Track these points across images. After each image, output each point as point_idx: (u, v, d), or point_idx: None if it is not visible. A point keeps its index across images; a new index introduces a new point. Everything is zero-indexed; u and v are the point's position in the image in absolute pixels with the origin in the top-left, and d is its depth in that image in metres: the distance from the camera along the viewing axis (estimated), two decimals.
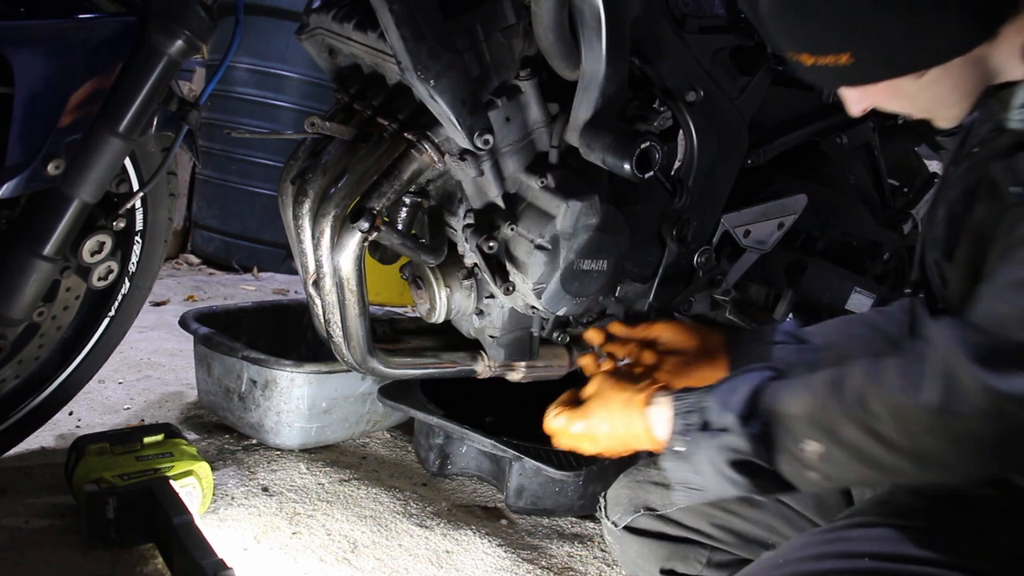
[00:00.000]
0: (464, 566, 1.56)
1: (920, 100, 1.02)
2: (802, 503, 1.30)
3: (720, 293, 1.78)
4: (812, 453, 0.91)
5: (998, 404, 0.79)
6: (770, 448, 0.95)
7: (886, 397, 0.86)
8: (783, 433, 0.94)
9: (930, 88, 0.99)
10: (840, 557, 0.92)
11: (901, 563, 0.90)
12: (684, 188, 1.61)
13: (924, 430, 0.83)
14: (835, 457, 0.91)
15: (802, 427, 0.92)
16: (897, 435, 0.85)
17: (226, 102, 3.67)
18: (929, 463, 0.86)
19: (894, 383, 0.85)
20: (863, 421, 0.87)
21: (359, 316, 1.47)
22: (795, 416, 0.93)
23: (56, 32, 1.25)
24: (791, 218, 1.80)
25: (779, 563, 0.96)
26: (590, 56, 1.33)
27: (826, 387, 0.92)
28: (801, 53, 1.00)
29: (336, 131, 1.46)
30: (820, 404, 0.91)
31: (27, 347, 1.52)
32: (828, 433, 0.90)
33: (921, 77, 0.97)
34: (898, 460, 0.87)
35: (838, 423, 0.89)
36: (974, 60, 0.97)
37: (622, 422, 1.13)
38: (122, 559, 1.44)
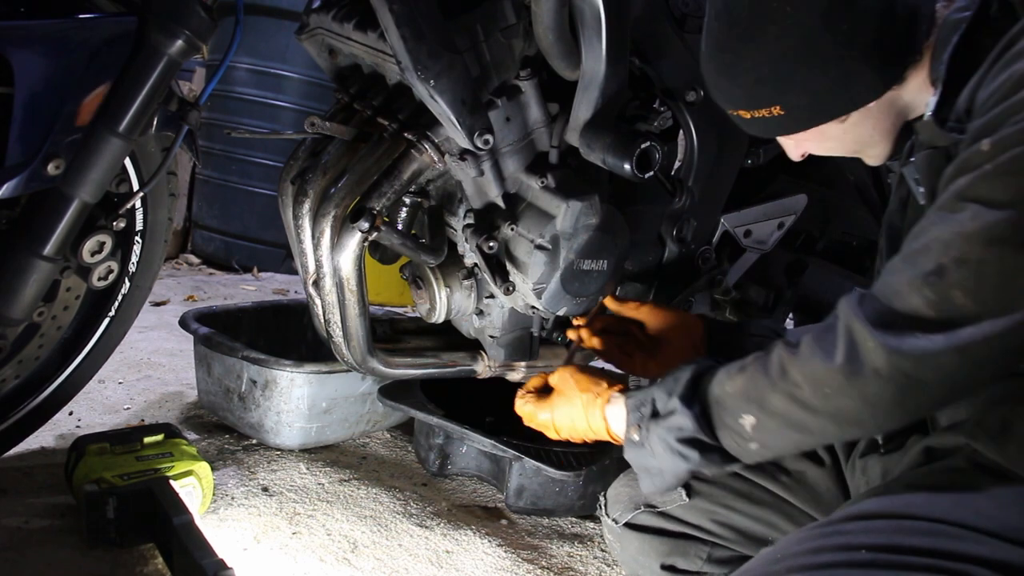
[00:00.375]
0: (464, 566, 1.56)
1: (847, 142, 1.16)
2: (801, 498, 1.31)
3: (720, 293, 1.78)
4: (748, 425, 1.04)
5: (892, 361, 0.90)
6: (712, 425, 1.08)
7: (802, 365, 0.98)
8: (722, 410, 1.07)
9: (854, 130, 1.13)
10: (837, 550, 0.93)
11: (898, 554, 0.91)
12: (684, 188, 1.61)
13: (837, 391, 0.95)
14: (768, 426, 1.03)
15: (737, 403, 1.05)
16: (815, 399, 0.97)
17: (226, 102, 3.67)
18: (846, 422, 0.97)
19: (809, 353, 0.97)
20: (786, 390, 0.99)
21: (359, 316, 1.47)
22: (730, 394, 1.06)
23: (56, 32, 1.25)
24: (791, 218, 1.80)
25: (777, 558, 0.97)
26: (590, 56, 1.33)
27: (755, 365, 1.04)
28: (739, 109, 1.15)
29: (336, 131, 1.46)
30: (750, 380, 1.04)
31: (27, 347, 1.52)
32: (759, 405, 1.02)
33: (844, 122, 1.11)
34: (820, 422, 0.98)
35: (766, 395, 1.01)
36: (888, 102, 1.10)
37: (583, 418, 1.26)
38: (122, 559, 1.44)
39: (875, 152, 1.17)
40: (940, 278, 0.90)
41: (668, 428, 1.11)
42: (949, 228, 0.90)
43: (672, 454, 1.12)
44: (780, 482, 1.33)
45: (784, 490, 1.33)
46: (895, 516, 0.96)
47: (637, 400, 1.18)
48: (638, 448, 1.16)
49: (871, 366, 0.92)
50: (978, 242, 0.88)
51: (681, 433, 1.10)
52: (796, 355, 0.99)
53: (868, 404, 0.94)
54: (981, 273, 0.88)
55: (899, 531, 0.94)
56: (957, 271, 0.89)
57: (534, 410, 1.34)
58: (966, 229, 0.89)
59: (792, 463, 1.34)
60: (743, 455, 1.09)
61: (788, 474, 1.34)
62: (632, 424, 1.17)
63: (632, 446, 1.17)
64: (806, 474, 1.33)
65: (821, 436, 1.02)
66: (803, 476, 1.33)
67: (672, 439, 1.11)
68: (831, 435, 1.02)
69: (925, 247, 0.92)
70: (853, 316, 0.94)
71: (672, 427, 1.11)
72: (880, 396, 0.93)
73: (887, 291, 0.94)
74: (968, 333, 0.88)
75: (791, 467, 1.34)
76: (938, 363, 0.90)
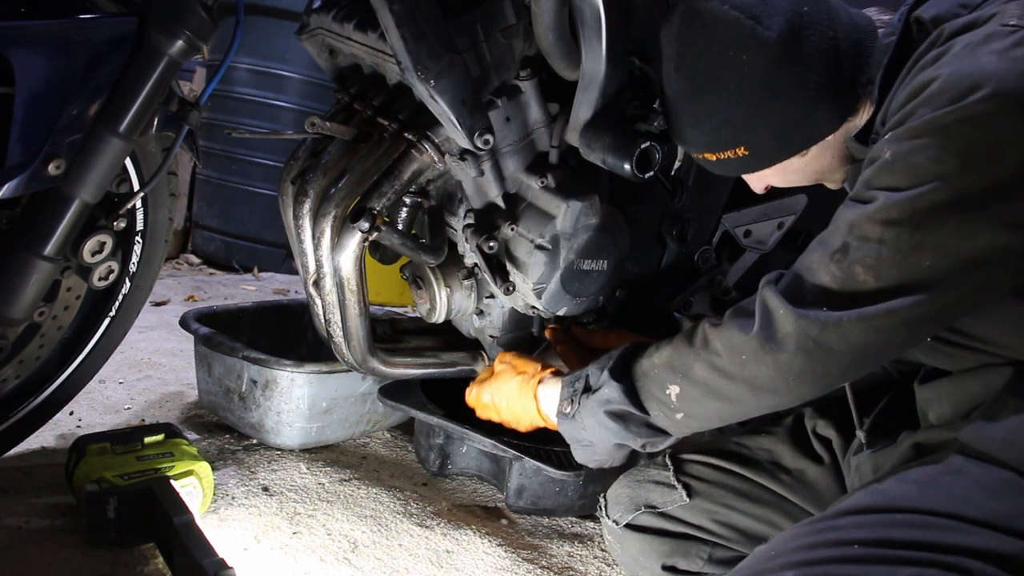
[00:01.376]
0: (464, 566, 1.56)
1: (808, 173, 1.24)
2: (801, 497, 1.31)
3: (720, 293, 1.78)
4: (673, 395, 1.13)
5: (801, 326, 1.00)
6: (639, 397, 1.17)
7: (722, 335, 1.08)
8: (649, 382, 1.16)
9: (814, 162, 1.20)
10: (831, 545, 0.94)
11: (890, 548, 0.91)
12: (684, 188, 1.61)
13: (752, 358, 1.04)
14: (691, 395, 1.12)
15: (663, 373, 1.14)
16: (733, 366, 1.07)
17: (226, 102, 3.67)
18: (762, 389, 1.06)
19: (729, 323, 1.08)
20: (707, 359, 1.09)
21: (359, 316, 1.47)
22: (657, 365, 1.16)
23: (56, 32, 1.25)
24: (791, 218, 1.80)
25: (771, 555, 0.97)
26: (590, 56, 1.33)
27: (681, 338, 1.14)
28: (704, 152, 1.22)
29: (336, 131, 1.46)
30: (675, 352, 1.14)
31: (28, 347, 1.52)
32: (683, 374, 1.12)
33: (805, 155, 1.18)
34: (738, 389, 1.08)
35: (689, 364, 1.11)
36: (844, 131, 1.17)
37: (515, 399, 1.36)
38: (123, 559, 1.44)
39: (835, 178, 1.25)
40: (844, 255, 1.00)
41: (598, 401, 1.20)
42: (856, 212, 1.00)
43: (601, 426, 1.21)
44: (780, 481, 1.33)
45: (784, 489, 1.33)
46: (887, 510, 0.97)
47: (572, 377, 1.28)
48: (570, 421, 1.25)
49: (782, 332, 1.01)
50: (878, 222, 0.97)
51: (609, 406, 1.19)
52: (717, 327, 1.09)
53: (781, 371, 1.03)
54: (880, 251, 0.97)
55: (891, 524, 0.95)
56: (859, 248, 0.99)
57: (478, 392, 1.43)
58: (868, 212, 0.99)
59: (791, 462, 1.35)
60: (671, 426, 1.18)
61: (788, 473, 1.34)
62: (565, 398, 1.26)
63: (564, 419, 1.26)
64: (805, 472, 1.33)
65: (740, 404, 1.10)
66: (803, 475, 1.33)
67: (601, 412, 1.20)
68: (749, 404, 1.10)
69: (835, 228, 1.03)
70: (769, 291, 1.04)
71: (601, 400, 1.19)
72: (791, 363, 1.02)
73: (801, 268, 1.04)
74: (870, 304, 0.97)
75: (791, 466, 1.34)
76: (842, 331, 0.99)
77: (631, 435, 1.20)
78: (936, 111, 0.95)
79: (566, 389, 1.27)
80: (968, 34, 0.99)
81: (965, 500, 0.95)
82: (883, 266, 0.97)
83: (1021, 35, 0.95)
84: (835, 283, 1.00)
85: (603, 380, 1.20)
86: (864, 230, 0.99)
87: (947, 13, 1.06)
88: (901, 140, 0.97)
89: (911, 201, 0.95)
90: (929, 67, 1.00)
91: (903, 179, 0.97)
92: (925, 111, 0.96)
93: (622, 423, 1.19)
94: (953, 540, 0.91)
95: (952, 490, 0.97)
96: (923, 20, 1.08)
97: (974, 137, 0.93)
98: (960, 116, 0.93)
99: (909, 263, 0.96)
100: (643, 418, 1.18)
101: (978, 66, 0.94)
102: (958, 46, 0.99)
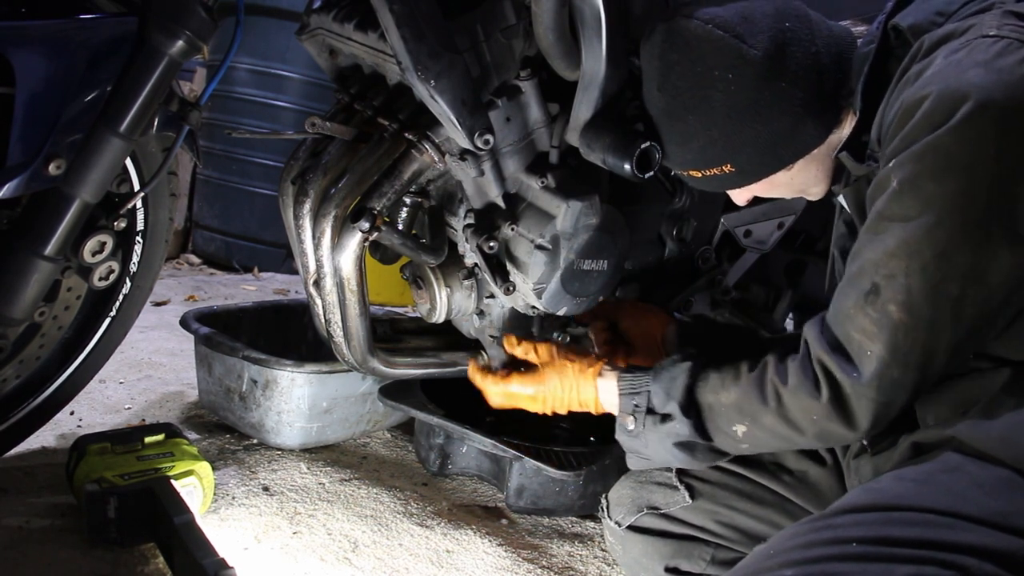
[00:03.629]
0: (464, 566, 1.56)
1: (793, 186, 1.25)
2: (804, 498, 1.31)
3: (720, 293, 1.78)
4: (740, 432, 1.16)
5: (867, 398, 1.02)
6: (707, 429, 1.19)
7: (792, 396, 1.09)
8: (716, 416, 1.18)
9: (799, 175, 1.22)
10: (829, 544, 0.94)
11: (888, 546, 0.91)
12: (684, 188, 1.61)
13: (823, 419, 1.07)
14: (758, 435, 1.15)
15: (731, 413, 1.16)
16: (804, 423, 1.09)
17: (227, 102, 3.67)
18: (830, 439, 1.10)
19: (797, 385, 1.08)
20: (778, 412, 1.11)
21: (359, 316, 1.47)
22: (724, 404, 1.17)
23: (57, 32, 1.25)
24: (791, 218, 1.80)
25: (770, 554, 0.97)
26: (590, 56, 1.33)
27: (749, 384, 1.14)
28: (690, 170, 1.23)
29: (336, 131, 1.46)
30: (744, 397, 1.14)
31: (28, 347, 1.52)
32: (752, 419, 1.14)
33: (791, 169, 1.20)
34: (806, 439, 1.11)
35: (759, 413, 1.13)
36: (828, 144, 1.18)
37: (574, 387, 1.35)
38: (123, 559, 1.44)
39: (817, 190, 1.27)
40: (876, 296, 1.00)
41: (667, 432, 1.21)
42: (876, 248, 1.00)
43: (667, 453, 1.23)
44: (783, 482, 1.33)
45: (787, 490, 1.33)
46: (884, 508, 0.97)
47: (630, 385, 1.27)
48: (632, 437, 1.26)
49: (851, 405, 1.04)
50: (901, 256, 0.98)
51: (678, 438, 1.21)
52: (787, 387, 1.09)
53: (852, 430, 1.06)
54: (908, 286, 0.97)
55: (889, 523, 0.95)
56: (888, 287, 0.99)
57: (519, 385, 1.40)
58: (889, 247, 0.99)
59: (794, 463, 1.35)
60: (733, 451, 1.22)
61: (790, 474, 1.34)
62: (626, 412, 1.26)
63: (625, 432, 1.26)
64: (808, 473, 1.33)
65: (806, 446, 1.17)
66: (805, 476, 1.33)
67: (670, 443, 1.22)
68: (815, 446, 1.19)
69: (861, 269, 1.03)
70: (821, 350, 1.06)
71: (671, 432, 1.21)
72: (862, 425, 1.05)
73: (840, 316, 1.05)
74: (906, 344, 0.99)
75: (793, 467, 1.34)
76: (893, 379, 1.01)
77: (696, 461, 1.23)
78: (933, 132, 0.95)
79: (625, 400, 1.27)
80: (948, 45, 1.00)
81: (962, 498, 0.95)
82: (915, 301, 0.97)
83: (1002, 45, 0.96)
84: (874, 326, 1.00)
85: (671, 411, 1.20)
86: (889, 267, 0.99)
87: (924, 22, 1.06)
88: (904, 166, 0.97)
89: (928, 231, 0.95)
90: (914, 82, 1.00)
91: (914, 207, 0.96)
92: (923, 134, 0.96)
93: (689, 452, 1.21)
94: (950, 537, 0.91)
95: (949, 488, 0.97)
96: (900, 28, 1.09)
97: (975, 153, 0.93)
98: (957, 135, 0.93)
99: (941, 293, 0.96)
100: (708, 445, 1.20)
101: (965, 81, 0.94)
102: (939, 58, 1.00)
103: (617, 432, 1.28)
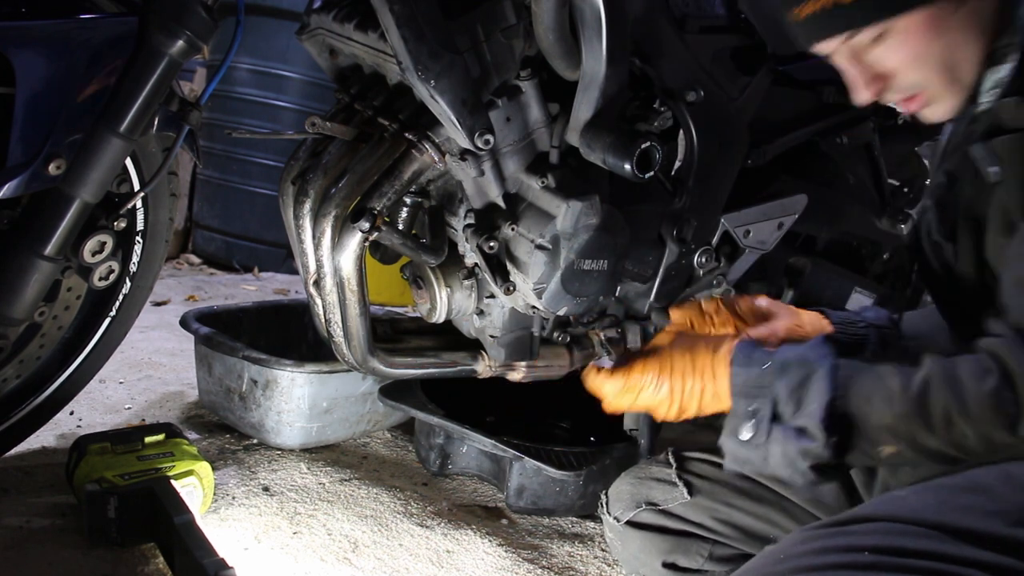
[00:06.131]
0: (465, 566, 1.56)
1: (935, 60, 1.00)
2: (803, 497, 1.31)
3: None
4: (885, 452, 0.98)
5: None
6: (845, 450, 0.99)
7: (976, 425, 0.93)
8: (861, 438, 0.98)
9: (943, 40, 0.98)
10: (841, 551, 0.93)
11: (901, 557, 0.91)
12: (684, 188, 1.61)
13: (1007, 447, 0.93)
14: (908, 456, 0.98)
15: (882, 435, 0.97)
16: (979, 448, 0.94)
17: (227, 102, 3.67)
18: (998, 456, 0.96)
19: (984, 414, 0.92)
20: (950, 438, 0.94)
21: (360, 316, 1.47)
22: (876, 427, 0.97)
23: (57, 32, 1.25)
24: (791, 218, 1.80)
25: (780, 558, 0.97)
26: (590, 56, 1.33)
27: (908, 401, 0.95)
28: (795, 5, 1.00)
29: (337, 131, 1.46)
30: (902, 417, 0.96)
31: (28, 347, 1.52)
32: (908, 442, 0.96)
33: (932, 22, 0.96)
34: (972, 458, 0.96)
35: (922, 436, 0.96)
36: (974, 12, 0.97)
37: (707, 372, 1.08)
38: (123, 559, 1.44)
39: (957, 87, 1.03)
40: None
41: (800, 451, 1.00)
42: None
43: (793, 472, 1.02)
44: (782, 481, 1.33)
45: (785, 488, 1.33)
46: (901, 520, 0.96)
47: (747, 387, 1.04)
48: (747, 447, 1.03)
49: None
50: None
51: (812, 458, 1.00)
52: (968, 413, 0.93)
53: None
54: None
55: (903, 534, 0.94)
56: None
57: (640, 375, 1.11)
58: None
59: None
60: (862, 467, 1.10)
61: None
62: (743, 417, 1.03)
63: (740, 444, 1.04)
64: None
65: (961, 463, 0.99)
66: None
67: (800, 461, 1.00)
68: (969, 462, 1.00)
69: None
70: None
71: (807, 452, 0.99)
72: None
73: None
74: None
75: None
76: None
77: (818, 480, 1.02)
78: None
79: (741, 402, 1.03)
80: None
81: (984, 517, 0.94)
82: None
83: None
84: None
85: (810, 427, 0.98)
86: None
87: None
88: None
89: None
90: None
91: None
92: None
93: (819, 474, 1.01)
94: (965, 553, 0.90)
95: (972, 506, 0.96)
96: None
97: None
98: None
99: None
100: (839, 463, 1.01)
101: None
102: None
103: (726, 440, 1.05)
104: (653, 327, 1.65)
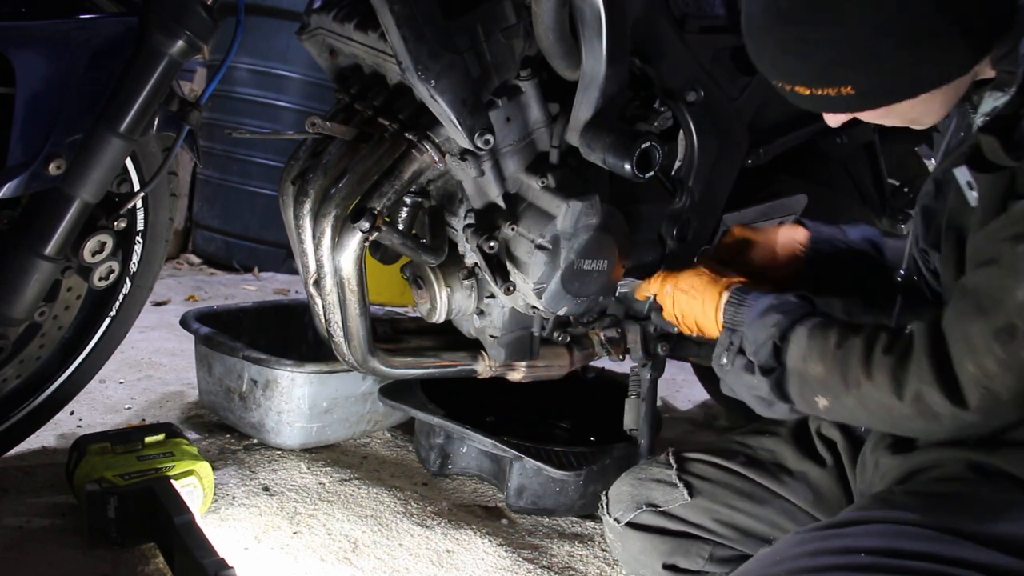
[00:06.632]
0: (465, 565, 1.56)
1: (907, 115, 1.06)
2: (803, 498, 1.31)
3: None
4: (821, 404, 1.13)
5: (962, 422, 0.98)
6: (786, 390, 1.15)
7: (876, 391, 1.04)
8: (801, 383, 1.14)
9: (924, 104, 1.02)
10: (837, 553, 0.93)
11: (897, 558, 0.91)
12: (684, 188, 1.61)
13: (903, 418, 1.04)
14: (839, 411, 1.12)
15: (815, 386, 1.12)
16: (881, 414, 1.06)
17: (227, 102, 3.67)
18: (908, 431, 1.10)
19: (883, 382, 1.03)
20: (860, 400, 1.07)
21: (360, 316, 1.47)
22: (811, 375, 1.12)
23: (57, 32, 1.25)
24: (791, 218, 1.80)
25: (776, 560, 0.97)
26: (590, 56, 1.33)
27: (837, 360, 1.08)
28: (798, 85, 1.04)
29: (337, 131, 1.46)
30: (831, 375, 1.09)
31: (28, 347, 1.52)
32: (834, 396, 1.10)
33: (916, 98, 1.01)
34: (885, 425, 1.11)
35: (841, 394, 1.09)
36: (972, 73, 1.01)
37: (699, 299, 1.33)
38: (123, 558, 1.44)
39: (929, 120, 1.09)
40: (1012, 338, 0.92)
41: (747, 385, 1.20)
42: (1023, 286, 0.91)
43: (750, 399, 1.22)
44: (782, 481, 1.33)
45: (786, 489, 1.33)
46: (896, 521, 0.96)
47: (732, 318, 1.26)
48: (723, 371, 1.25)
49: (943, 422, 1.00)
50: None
51: (756, 392, 1.19)
52: (872, 380, 1.04)
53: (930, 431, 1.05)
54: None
55: (899, 535, 0.94)
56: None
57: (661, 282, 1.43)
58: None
59: (794, 463, 1.35)
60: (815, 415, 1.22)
61: (790, 474, 1.34)
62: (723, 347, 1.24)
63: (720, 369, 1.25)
64: (808, 474, 1.33)
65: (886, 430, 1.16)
66: (805, 476, 1.33)
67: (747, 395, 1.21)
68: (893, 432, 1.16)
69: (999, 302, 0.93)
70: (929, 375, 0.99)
71: (751, 385, 1.19)
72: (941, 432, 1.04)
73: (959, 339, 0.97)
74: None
75: (793, 467, 1.35)
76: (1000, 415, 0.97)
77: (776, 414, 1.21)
78: None
79: (724, 334, 1.26)
80: None
81: (978, 518, 0.95)
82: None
83: None
84: (998, 366, 0.93)
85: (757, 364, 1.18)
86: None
87: None
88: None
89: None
90: None
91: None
92: None
93: (767, 406, 1.20)
94: (961, 554, 0.90)
95: (966, 507, 0.96)
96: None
97: None
98: None
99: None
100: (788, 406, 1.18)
101: None
102: None
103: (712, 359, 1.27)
104: (653, 327, 1.65)
